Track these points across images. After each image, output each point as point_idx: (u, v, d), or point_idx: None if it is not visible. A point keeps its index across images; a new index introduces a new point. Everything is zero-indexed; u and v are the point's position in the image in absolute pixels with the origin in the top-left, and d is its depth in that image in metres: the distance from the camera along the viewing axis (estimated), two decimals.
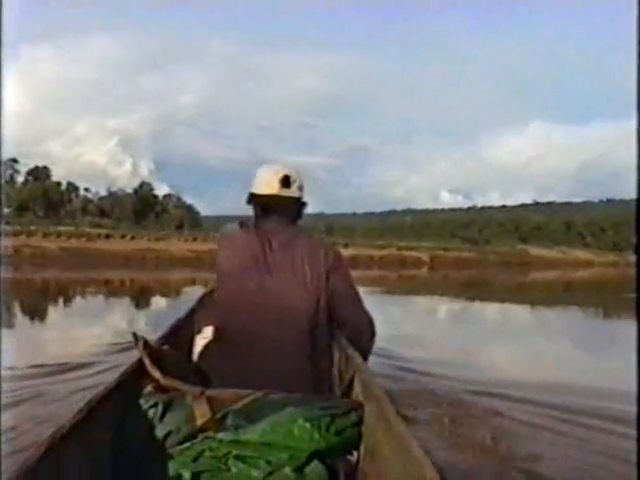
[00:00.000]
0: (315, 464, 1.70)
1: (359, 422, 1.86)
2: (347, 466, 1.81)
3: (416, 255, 51.52)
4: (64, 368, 5.10)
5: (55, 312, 11.64)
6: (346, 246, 48.29)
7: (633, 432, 2.05)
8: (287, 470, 1.67)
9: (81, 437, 1.54)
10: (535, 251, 60.54)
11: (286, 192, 2.44)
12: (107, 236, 45.12)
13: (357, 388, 2.15)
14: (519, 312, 14.02)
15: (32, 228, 42.85)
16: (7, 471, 1.29)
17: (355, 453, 1.86)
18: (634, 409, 2.03)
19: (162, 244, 44.05)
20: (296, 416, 1.74)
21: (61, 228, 45.91)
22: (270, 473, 1.66)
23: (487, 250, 58.13)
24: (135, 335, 2.12)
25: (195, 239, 48.48)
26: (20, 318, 10.22)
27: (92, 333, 7.99)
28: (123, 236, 45.92)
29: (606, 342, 8.82)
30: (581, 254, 60.72)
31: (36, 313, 11.21)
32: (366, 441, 1.85)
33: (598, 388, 4.95)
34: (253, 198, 2.50)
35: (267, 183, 2.46)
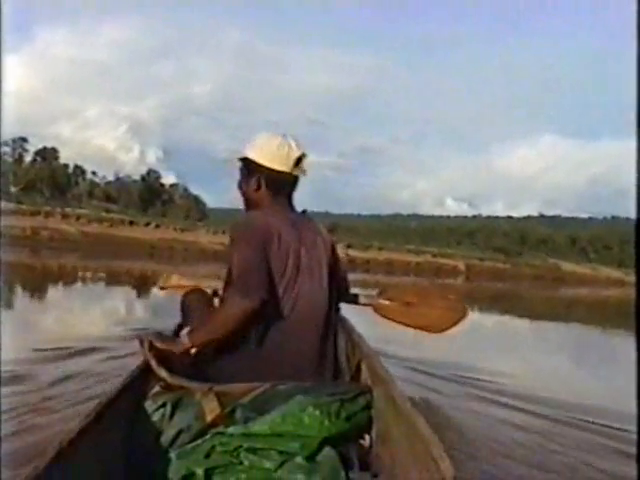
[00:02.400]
0: (327, 451, 1.69)
1: (368, 406, 1.87)
2: (360, 451, 1.81)
3: (452, 263, 49.19)
4: None
5: (64, 302, 10.56)
6: (380, 249, 47.35)
7: None
8: (299, 459, 1.66)
9: (91, 441, 1.55)
10: (566, 266, 59.24)
11: (296, 171, 2.24)
12: (131, 223, 42.22)
13: (365, 373, 2.17)
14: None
15: (47, 209, 40.17)
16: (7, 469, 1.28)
17: (367, 437, 1.87)
18: None
19: (190, 235, 40.70)
20: (305, 404, 1.74)
21: (80, 211, 43.35)
22: (282, 463, 1.65)
23: (521, 262, 56.73)
24: (140, 337, 2.12)
25: (225, 232, 44.96)
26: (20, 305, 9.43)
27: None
28: (147, 224, 43.07)
29: None
30: (612, 272, 59.49)
31: (38, 297, 10.76)
32: (377, 424, 1.86)
33: None
34: (255, 168, 2.23)
35: (284, 159, 2.20)
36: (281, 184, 2.25)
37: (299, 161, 2.22)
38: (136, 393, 1.93)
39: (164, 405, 1.88)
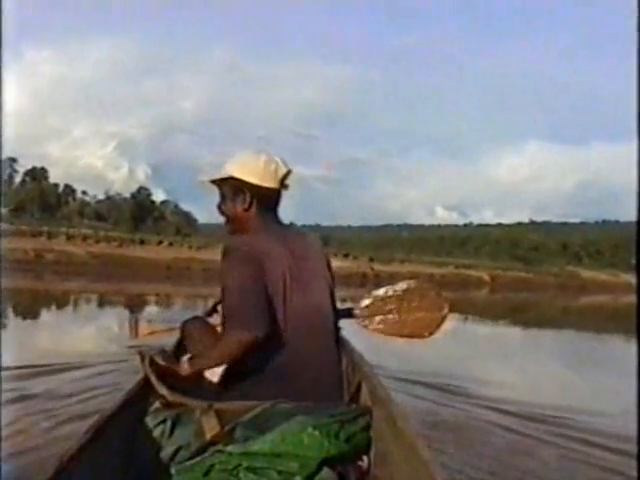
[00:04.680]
0: (326, 472, 1.69)
1: (368, 427, 1.87)
2: (358, 472, 1.81)
3: (477, 274, 47.77)
4: None
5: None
6: (402, 262, 45.94)
7: None
8: (298, 479, 1.66)
9: (90, 458, 1.54)
10: (586, 273, 58.09)
11: (282, 188, 2.24)
12: (141, 242, 39.11)
13: (364, 393, 2.16)
14: None
15: (50, 229, 36.91)
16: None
17: (365, 458, 1.86)
18: None
19: (206, 253, 35.43)
20: (305, 424, 1.74)
21: (86, 231, 40.22)
22: None
23: (543, 271, 55.90)
24: (141, 353, 2.13)
25: None
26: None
27: None
28: (160, 242, 39.92)
29: None
30: (632, 278, 58.49)
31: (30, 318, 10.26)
32: (376, 446, 1.86)
33: None
34: (241, 187, 2.18)
35: (272, 175, 2.18)
36: (270, 201, 2.22)
37: (284, 177, 2.21)
38: (136, 409, 1.93)
39: (164, 421, 1.88)
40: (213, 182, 2.26)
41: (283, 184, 2.22)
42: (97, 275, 25.55)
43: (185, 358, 2.10)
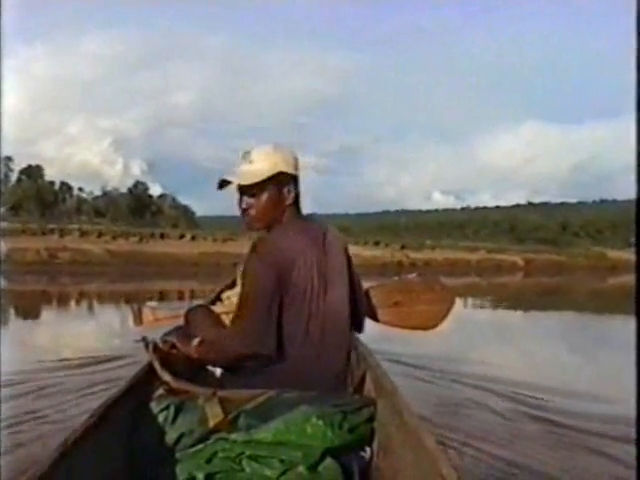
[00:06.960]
0: (329, 461, 1.69)
1: (371, 418, 1.87)
2: (361, 462, 1.81)
3: (511, 259, 46.59)
4: None
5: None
6: (433, 249, 45.08)
7: None
8: (301, 468, 1.67)
9: (94, 442, 1.55)
10: (612, 253, 57.33)
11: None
12: (162, 236, 36.69)
13: (369, 384, 2.15)
14: None
15: (62, 227, 34.42)
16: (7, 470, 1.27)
17: (368, 449, 1.86)
18: None
19: (234, 246, 31.27)
20: (309, 414, 1.74)
21: (100, 227, 37.59)
22: (284, 472, 1.66)
23: (575, 253, 54.22)
24: (145, 339, 2.14)
25: None
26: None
27: None
28: (182, 236, 37.62)
29: None
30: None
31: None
32: (379, 437, 1.86)
33: None
34: (282, 180, 2.15)
35: (298, 163, 2.21)
36: (298, 192, 2.20)
37: None
38: (140, 396, 1.94)
39: (167, 408, 1.88)
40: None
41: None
42: (119, 275, 23.71)
43: (195, 342, 2.10)
